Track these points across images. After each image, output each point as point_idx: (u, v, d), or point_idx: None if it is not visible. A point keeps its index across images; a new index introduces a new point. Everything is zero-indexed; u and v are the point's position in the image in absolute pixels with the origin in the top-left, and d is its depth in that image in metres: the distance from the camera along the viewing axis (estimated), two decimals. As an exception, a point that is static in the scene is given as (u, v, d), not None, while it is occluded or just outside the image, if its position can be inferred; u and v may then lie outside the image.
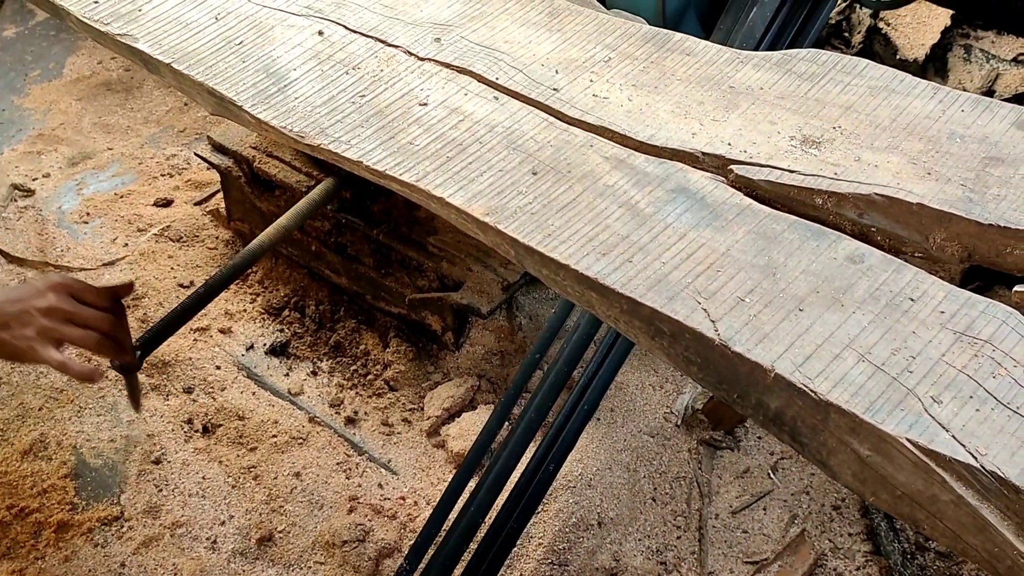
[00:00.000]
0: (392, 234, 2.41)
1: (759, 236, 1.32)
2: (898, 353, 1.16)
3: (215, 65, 1.70)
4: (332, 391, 2.47)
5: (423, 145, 1.51)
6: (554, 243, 1.33)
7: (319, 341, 2.58)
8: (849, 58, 1.59)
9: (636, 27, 1.72)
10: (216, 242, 2.85)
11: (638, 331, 1.29)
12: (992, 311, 1.21)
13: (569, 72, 1.62)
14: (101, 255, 2.80)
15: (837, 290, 1.24)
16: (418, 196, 1.47)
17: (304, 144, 1.57)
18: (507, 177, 1.45)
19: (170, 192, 3.02)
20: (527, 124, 1.53)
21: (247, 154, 2.58)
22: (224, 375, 2.49)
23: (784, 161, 1.42)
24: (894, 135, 1.45)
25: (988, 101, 1.49)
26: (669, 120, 1.51)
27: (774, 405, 1.18)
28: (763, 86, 1.57)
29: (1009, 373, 1.13)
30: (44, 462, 2.25)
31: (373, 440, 2.36)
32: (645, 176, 1.42)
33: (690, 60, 1.63)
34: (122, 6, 1.83)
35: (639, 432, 2.31)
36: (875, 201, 1.35)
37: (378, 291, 2.54)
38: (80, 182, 3.06)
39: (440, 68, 1.66)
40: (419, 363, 2.49)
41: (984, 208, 1.31)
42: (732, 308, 1.22)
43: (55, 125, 3.30)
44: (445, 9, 1.79)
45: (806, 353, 1.17)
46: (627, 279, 1.27)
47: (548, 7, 1.77)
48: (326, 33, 1.75)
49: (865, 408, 1.11)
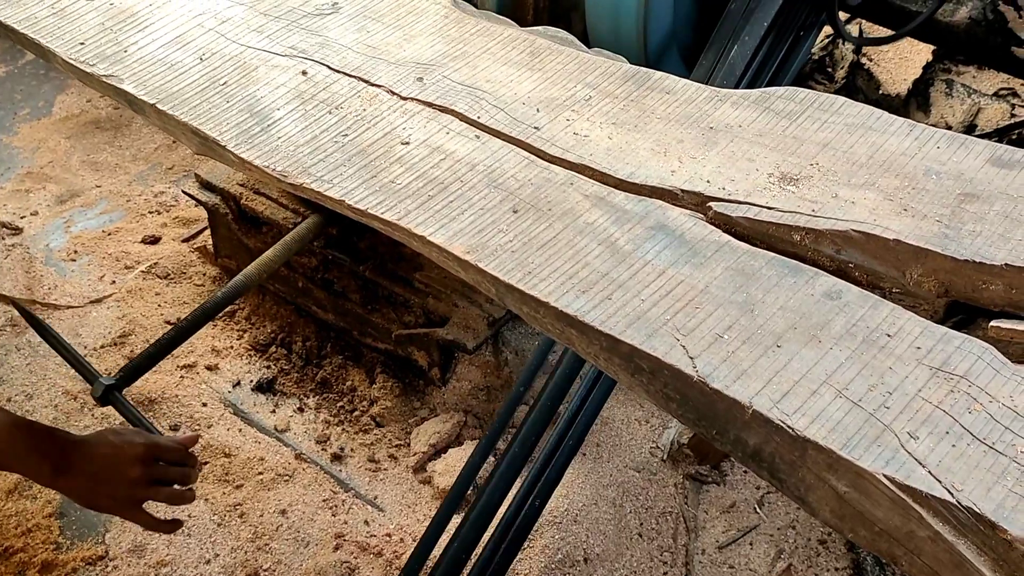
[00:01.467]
0: (378, 270, 2.42)
1: (737, 273, 1.33)
2: (875, 389, 1.17)
3: (199, 105, 1.72)
4: (318, 427, 2.47)
5: (405, 184, 1.53)
6: (534, 280, 1.34)
7: (306, 377, 2.58)
8: (826, 96, 1.61)
9: (617, 66, 1.74)
10: (204, 279, 2.86)
11: (618, 368, 1.29)
12: (968, 347, 1.21)
13: (550, 111, 1.64)
14: (88, 292, 2.80)
15: (814, 326, 1.25)
16: (400, 234, 1.48)
17: (287, 183, 1.58)
18: (488, 215, 1.46)
19: (158, 229, 3.03)
20: (508, 162, 1.55)
21: (234, 191, 2.60)
22: (210, 412, 2.48)
23: (762, 198, 1.43)
24: (871, 172, 1.46)
25: (964, 138, 1.51)
26: (649, 158, 1.53)
27: (752, 442, 1.18)
28: (742, 124, 1.58)
29: (985, 408, 1.14)
30: (29, 501, 2.24)
31: (359, 477, 2.36)
32: (625, 214, 1.44)
33: (670, 98, 1.65)
34: (107, 48, 1.85)
35: (625, 467, 2.31)
36: (852, 237, 1.36)
37: (364, 327, 2.55)
38: (68, 220, 3.07)
39: (422, 107, 1.67)
40: (405, 399, 2.49)
41: (960, 244, 1.33)
42: (710, 345, 1.23)
43: (44, 163, 3.31)
44: (427, 49, 1.80)
45: (783, 389, 1.17)
46: (606, 316, 1.28)
47: (529, 47, 1.79)
48: (310, 73, 1.77)
49: (842, 444, 1.11)
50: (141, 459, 1.57)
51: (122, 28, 1.89)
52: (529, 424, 2.01)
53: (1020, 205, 1.38)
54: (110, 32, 1.89)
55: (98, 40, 1.87)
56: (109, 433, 1.60)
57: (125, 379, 1.72)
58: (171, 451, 1.62)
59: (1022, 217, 1.36)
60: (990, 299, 1.33)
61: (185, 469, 1.64)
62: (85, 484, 1.55)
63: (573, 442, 2.03)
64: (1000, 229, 1.34)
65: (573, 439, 2.03)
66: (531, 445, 2.01)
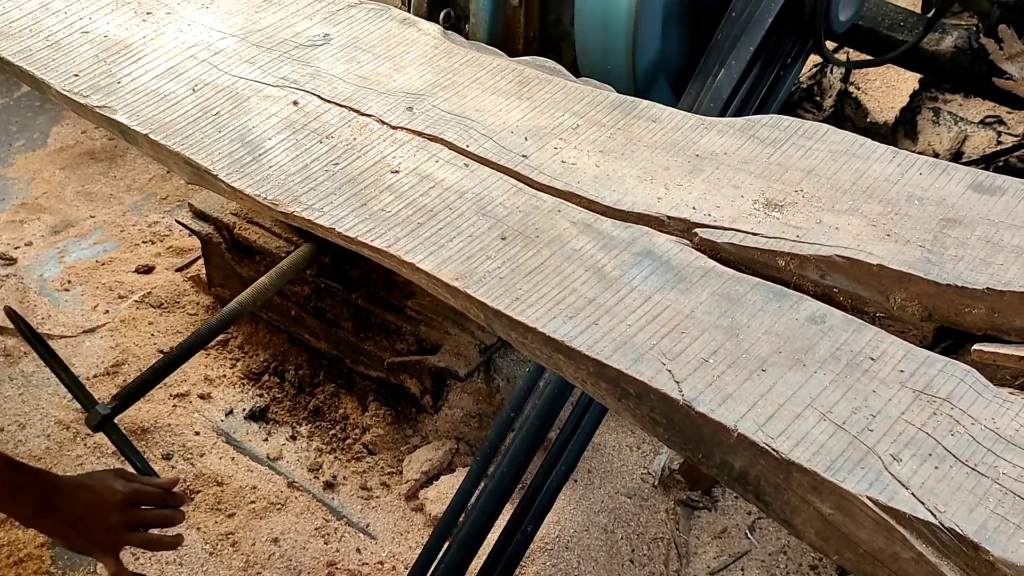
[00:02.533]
0: (371, 298, 2.44)
1: (723, 298, 1.35)
2: (859, 412, 1.18)
3: (192, 135, 1.74)
4: (311, 455, 2.47)
5: (394, 212, 1.54)
6: (522, 307, 1.36)
7: (298, 405, 2.59)
8: (810, 123, 1.63)
9: (604, 95, 1.76)
10: (197, 308, 2.87)
11: (605, 393, 1.30)
12: (950, 370, 1.23)
13: (538, 139, 1.66)
14: (82, 322, 2.81)
15: (799, 350, 1.26)
16: (389, 262, 1.50)
17: (279, 212, 1.60)
18: (476, 242, 1.47)
19: (151, 259, 3.04)
20: (497, 190, 1.57)
21: (227, 220, 2.61)
22: (203, 441, 2.49)
23: (747, 224, 1.45)
24: (854, 198, 1.48)
25: (945, 164, 1.53)
26: (635, 185, 1.55)
27: (738, 465, 1.19)
28: (727, 151, 1.60)
29: (967, 431, 1.16)
30: (20, 531, 2.24)
31: (352, 504, 2.36)
32: (612, 240, 1.45)
33: (656, 127, 1.67)
34: (101, 79, 1.87)
35: (616, 493, 2.32)
36: (836, 262, 1.38)
37: (357, 355, 2.56)
38: (62, 250, 3.08)
39: (412, 136, 1.69)
40: (398, 426, 2.50)
41: (942, 268, 1.35)
42: (696, 369, 1.25)
43: (38, 194, 3.32)
44: (417, 79, 1.83)
45: (768, 413, 1.18)
46: (593, 341, 1.29)
47: (518, 77, 1.81)
48: (301, 103, 1.79)
49: (826, 467, 1.13)
50: (121, 505, 1.59)
51: (116, 60, 1.92)
52: (517, 445, 2.01)
53: (1001, 230, 1.40)
54: (104, 64, 1.91)
55: (92, 72, 1.89)
56: (93, 476, 1.62)
57: (120, 405, 1.73)
58: (153, 495, 1.65)
59: (1003, 242, 1.37)
60: (973, 323, 1.34)
61: (168, 512, 1.67)
62: (66, 527, 1.58)
63: (565, 468, 2.04)
64: (982, 254, 1.36)
65: (565, 465, 2.04)
66: (519, 467, 2.01)
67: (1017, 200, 1.45)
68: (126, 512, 1.60)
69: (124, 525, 1.60)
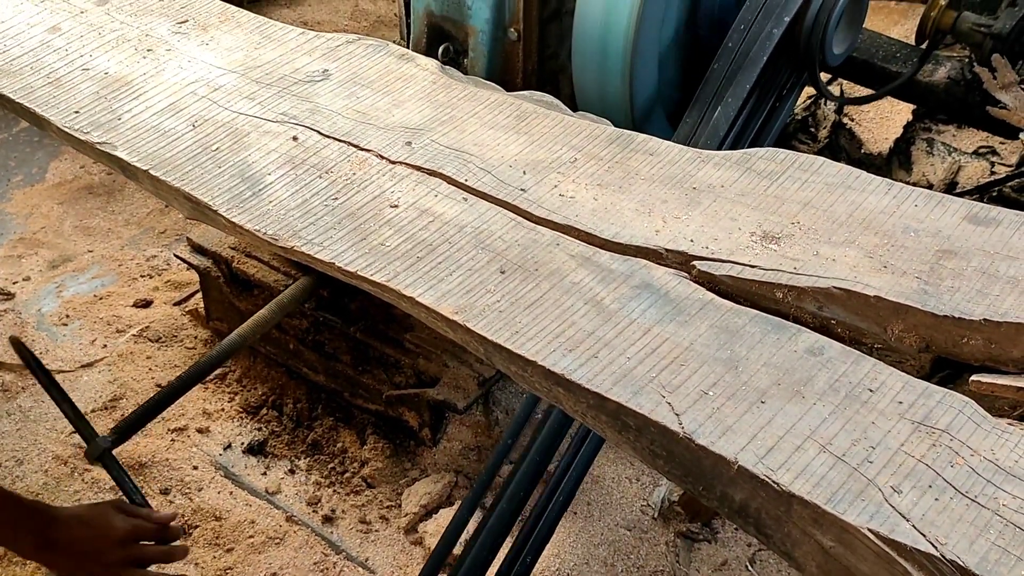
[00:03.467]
0: (369, 331, 2.44)
1: (721, 330, 1.35)
2: (858, 444, 1.19)
3: (191, 171, 1.75)
4: (309, 489, 2.46)
5: (394, 246, 1.55)
6: (521, 340, 1.36)
7: (297, 439, 2.59)
8: (806, 156, 1.64)
9: (601, 128, 1.77)
10: (195, 342, 2.87)
11: (605, 425, 1.31)
12: (949, 401, 1.24)
13: (536, 173, 1.67)
14: (80, 357, 2.81)
15: (798, 382, 1.27)
16: (389, 296, 1.50)
17: (278, 247, 1.60)
18: (476, 276, 1.48)
19: (149, 293, 3.04)
20: (495, 224, 1.57)
21: (226, 254, 2.62)
22: (201, 475, 2.48)
23: (745, 256, 1.46)
24: (851, 230, 1.49)
25: (940, 196, 1.54)
26: (633, 218, 1.56)
27: (738, 497, 1.19)
28: (724, 184, 1.61)
29: (966, 462, 1.16)
30: (18, 567, 2.23)
31: (351, 538, 2.35)
32: (610, 273, 1.46)
33: (653, 160, 1.69)
34: (102, 115, 1.88)
35: (616, 525, 2.31)
36: (834, 294, 1.39)
37: (355, 388, 2.56)
38: (60, 284, 3.08)
39: (411, 171, 1.71)
40: (396, 460, 2.50)
41: (939, 300, 1.35)
42: (696, 401, 1.25)
43: (36, 229, 3.33)
44: (416, 114, 1.84)
45: (768, 445, 1.19)
46: (593, 374, 1.30)
47: (516, 111, 1.82)
48: (300, 139, 1.80)
49: (827, 499, 1.13)
50: (121, 541, 1.59)
51: (116, 96, 1.93)
52: (517, 479, 2.01)
53: (997, 261, 1.41)
54: (104, 100, 1.92)
55: (92, 108, 1.90)
56: (92, 509, 1.62)
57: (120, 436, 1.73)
58: (152, 532, 1.65)
59: (999, 273, 1.38)
60: (970, 353, 1.35)
61: (168, 548, 1.67)
62: (65, 561, 1.58)
63: (563, 498, 2.03)
64: (978, 285, 1.37)
65: (563, 495, 2.04)
66: (519, 500, 2.01)
67: (1012, 231, 1.46)
68: (126, 548, 1.60)
69: (123, 561, 1.60)
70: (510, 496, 1.97)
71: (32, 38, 2.11)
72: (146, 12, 2.21)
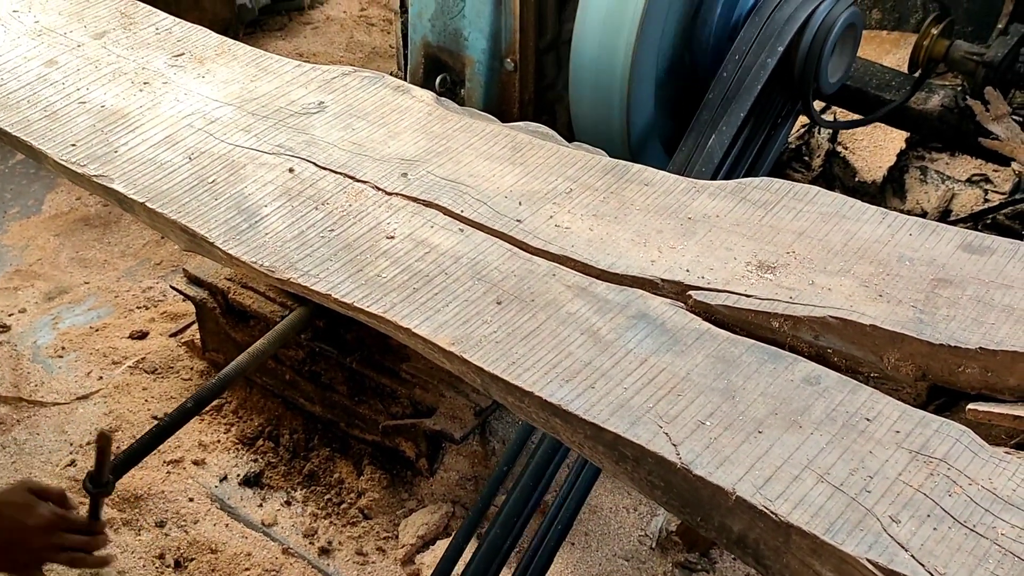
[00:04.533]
0: (365, 361, 2.44)
1: (718, 360, 1.35)
2: (856, 473, 1.19)
3: (188, 203, 1.75)
4: (306, 521, 2.45)
5: (390, 277, 1.55)
6: (518, 371, 1.36)
7: (293, 470, 2.57)
8: (800, 186, 1.65)
9: (596, 159, 1.78)
10: (191, 373, 2.86)
11: (603, 456, 1.31)
12: (946, 430, 1.24)
13: (532, 203, 1.68)
14: (75, 389, 2.80)
15: (795, 412, 1.27)
16: (386, 327, 1.50)
17: (275, 278, 1.60)
18: (472, 307, 1.48)
19: (145, 324, 3.04)
20: (491, 255, 1.58)
21: (222, 285, 2.62)
22: (197, 507, 2.47)
23: (741, 286, 1.46)
24: (846, 259, 1.50)
25: (935, 225, 1.55)
26: (629, 248, 1.56)
27: (737, 528, 1.19)
28: (719, 214, 1.62)
29: (964, 491, 1.16)
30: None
31: (347, 570, 2.33)
32: (606, 303, 1.46)
33: (648, 190, 1.69)
34: (98, 148, 1.89)
35: (614, 556, 2.30)
36: (830, 323, 1.39)
37: (352, 419, 2.55)
38: (56, 316, 3.08)
39: (407, 202, 1.71)
40: (393, 490, 2.49)
41: (935, 328, 1.36)
42: (693, 432, 1.25)
43: (32, 261, 3.33)
44: (411, 145, 1.85)
45: (766, 475, 1.19)
46: (590, 405, 1.30)
47: (511, 142, 1.83)
48: (296, 170, 1.80)
49: (825, 529, 1.13)
50: (44, 528, 1.57)
51: (113, 129, 1.94)
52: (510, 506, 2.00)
53: (992, 290, 1.41)
54: (101, 133, 1.93)
55: (89, 141, 1.91)
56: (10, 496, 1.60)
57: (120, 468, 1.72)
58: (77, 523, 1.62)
59: (994, 301, 1.39)
60: (967, 382, 1.35)
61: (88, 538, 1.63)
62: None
63: (561, 528, 2.03)
64: (973, 313, 1.37)
65: (561, 525, 2.03)
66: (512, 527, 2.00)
67: (1006, 260, 1.46)
68: (50, 534, 1.58)
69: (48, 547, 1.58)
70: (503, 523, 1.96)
71: (29, 72, 2.12)
72: (143, 45, 2.22)
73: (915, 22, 3.83)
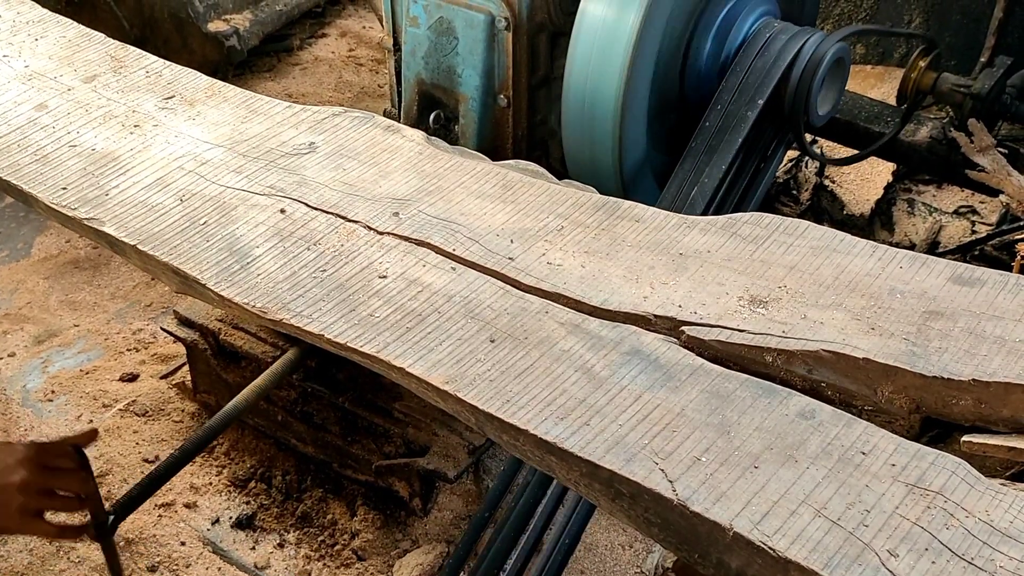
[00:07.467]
0: (358, 401, 2.43)
1: (712, 395, 1.35)
2: (853, 507, 1.18)
3: (179, 245, 1.75)
4: (299, 563, 2.43)
5: (383, 316, 1.55)
6: (513, 409, 1.36)
7: (286, 512, 2.56)
8: (791, 220, 1.66)
9: (587, 196, 1.79)
10: (182, 415, 2.85)
11: (598, 493, 1.30)
12: (942, 462, 1.24)
13: (524, 241, 1.68)
14: (65, 433, 2.77)
15: (790, 446, 1.27)
16: (379, 366, 1.50)
17: (267, 319, 1.60)
18: (466, 345, 1.48)
19: (136, 366, 3.03)
20: (484, 293, 1.58)
21: (213, 327, 2.61)
22: (189, 551, 2.44)
23: (733, 321, 1.47)
24: (837, 292, 1.50)
25: (925, 257, 1.56)
26: (621, 285, 1.56)
27: (735, 564, 1.19)
28: (710, 249, 1.63)
29: (962, 524, 1.16)
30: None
31: (342, 613, 2.31)
32: (600, 340, 1.46)
33: (639, 226, 1.70)
34: (89, 191, 1.89)
35: (611, 594, 2.29)
36: (823, 357, 1.39)
37: (345, 459, 2.54)
38: (45, 360, 3.06)
39: (399, 241, 1.71)
40: (387, 530, 2.47)
41: (927, 361, 1.36)
42: (689, 468, 1.25)
43: (21, 304, 3.32)
44: (403, 184, 1.85)
45: (763, 510, 1.18)
46: (585, 442, 1.30)
47: (502, 180, 1.84)
48: (288, 211, 1.81)
49: (824, 564, 1.12)
50: (23, 464, 1.51)
51: (103, 172, 1.94)
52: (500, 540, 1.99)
53: (983, 321, 1.42)
54: (92, 176, 1.93)
55: (80, 184, 1.91)
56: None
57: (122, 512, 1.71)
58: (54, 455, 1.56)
59: (986, 333, 1.39)
60: (960, 414, 1.35)
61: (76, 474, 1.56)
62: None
63: (557, 567, 2.02)
64: (965, 345, 1.38)
65: (556, 564, 2.02)
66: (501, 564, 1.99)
67: (996, 291, 1.47)
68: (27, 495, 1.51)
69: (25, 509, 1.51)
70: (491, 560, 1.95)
71: (19, 116, 2.12)
72: (133, 88, 2.22)
73: (899, 56, 3.87)
